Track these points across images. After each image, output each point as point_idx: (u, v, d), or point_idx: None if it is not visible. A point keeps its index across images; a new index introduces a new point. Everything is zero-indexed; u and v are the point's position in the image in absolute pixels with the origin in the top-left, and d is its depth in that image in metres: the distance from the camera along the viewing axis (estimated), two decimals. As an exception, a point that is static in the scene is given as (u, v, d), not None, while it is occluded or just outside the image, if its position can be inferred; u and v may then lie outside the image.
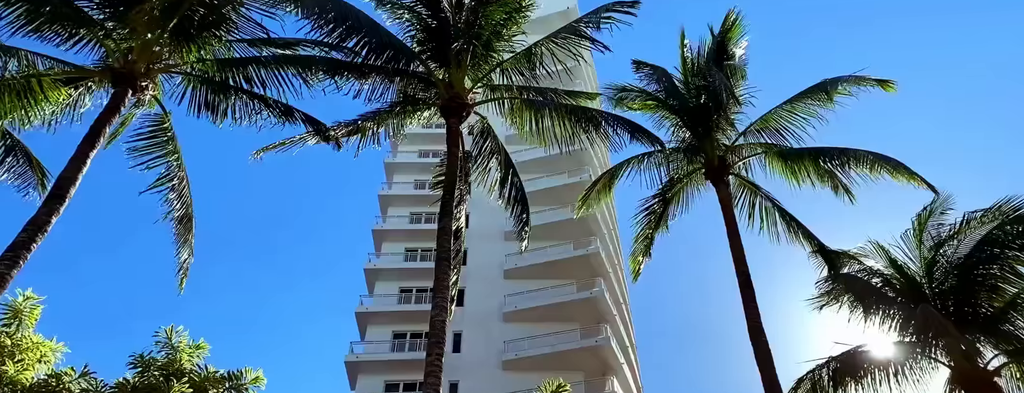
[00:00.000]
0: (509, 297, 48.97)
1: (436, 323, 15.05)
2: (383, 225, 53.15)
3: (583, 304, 47.88)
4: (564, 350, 45.56)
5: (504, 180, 21.16)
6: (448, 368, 44.56)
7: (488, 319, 48.19)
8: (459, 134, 18.72)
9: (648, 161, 22.66)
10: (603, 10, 19.53)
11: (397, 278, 50.24)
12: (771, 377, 17.37)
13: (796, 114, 21.48)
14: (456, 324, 47.86)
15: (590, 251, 49.84)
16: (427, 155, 54.92)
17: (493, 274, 50.74)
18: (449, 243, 16.38)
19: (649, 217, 22.92)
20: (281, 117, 17.87)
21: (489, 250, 51.70)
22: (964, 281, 19.05)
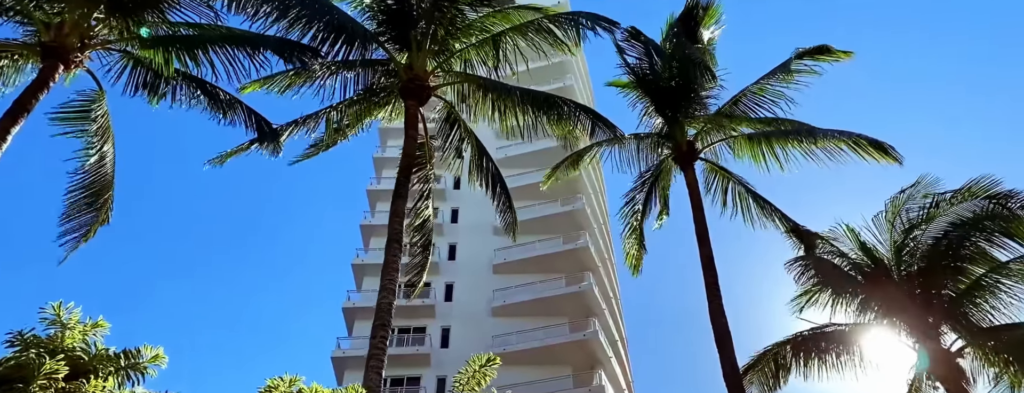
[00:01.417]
0: (498, 292, 48.77)
1: (382, 305, 14.80)
2: (371, 220, 52.85)
3: (572, 298, 47.66)
4: (552, 344, 45.39)
5: (480, 166, 20.87)
6: (436, 363, 44.88)
7: (476, 314, 47.99)
8: (418, 117, 18.44)
9: (619, 145, 22.61)
10: (584, 17, 19.34)
11: (385, 273, 49.88)
12: (730, 357, 17.32)
13: (764, 96, 21.32)
14: (444, 319, 47.87)
15: (579, 245, 49.62)
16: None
17: (482, 269, 50.55)
18: (400, 225, 16.16)
19: (634, 208, 22.84)
20: (221, 108, 17.48)
21: (477, 245, 51.55)
22: (931, 264, 18.95)
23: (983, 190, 18.43)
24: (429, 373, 45.25)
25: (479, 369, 11.48)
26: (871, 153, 19.92)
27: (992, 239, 18.36)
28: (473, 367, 11.45)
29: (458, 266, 51.20)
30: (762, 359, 19.57)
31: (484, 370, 11.53)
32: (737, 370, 17.15)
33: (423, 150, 20.22)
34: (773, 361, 19.45)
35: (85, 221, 17.15)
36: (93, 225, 17.23)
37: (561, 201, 51.73)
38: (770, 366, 19.50)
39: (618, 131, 19.93)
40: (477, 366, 11.44)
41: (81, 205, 17.03)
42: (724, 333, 17.67)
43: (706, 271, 18.95)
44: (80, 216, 17.10)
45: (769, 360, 19.48)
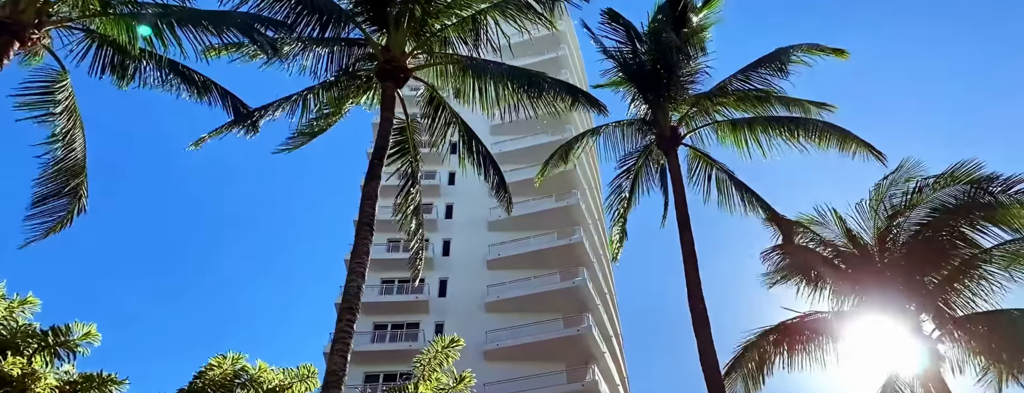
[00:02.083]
0: (492, 287, 48.59)
1: (350, 289, 14.46)
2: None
3: (566, 293, 47.49)
4: (545, 339, 45.26)
5: (469, 148, 20.56)
6: (429, 359, 44.52)
7: (470, 309, 47.84)
8: (394, 99, 18.11)
9: (607, 133, 22.50)
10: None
11: (378, 269, 49.68)
12: (706, 340, 17.12)
13: (750, 84, 21.07)
14: (438, 314, 47.71)
15: (574, 240, 49.49)
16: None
17: (476, 264, 50.43)
18: (372, 208, 15.83)
19: (620, 196, 22.74)
20: (196, 89, 17.16)
21: (472, 240, 51.47)
22: (913, 250, 18.84)
23: (966, 175, 18.25)
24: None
25: (442, 350, 11.21)
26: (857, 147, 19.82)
27: (974, 225, 18.21)
28: (436, 348, 11.18)
29: (452, 262, 51.08)
30: (745, 353, 19.42)
31: (447, 351, 11.27)
32: (714, 354, 16.91)
33: (405, 134, 19.91)
34: (757, 354, 19.28)
35: (58, 207, 16.82)
36: (68, 212, 16.92)
37: (556, 197, 51.58)
38: (754, 359, 19.33)
39: (602, 106, 19.59)
40: (440, 347, 11.17)
41: (52, 190, 16.66)
42: (702, 318, 17.47)
43: (686, 255, 18.72)
44: (51, 202, 16.72)
45: (753, 354, 19.31)
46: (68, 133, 16.39)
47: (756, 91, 20.94)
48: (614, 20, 21.39)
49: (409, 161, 20.08)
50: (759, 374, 19.45)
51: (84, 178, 16.97)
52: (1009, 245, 17.91)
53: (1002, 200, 17.60)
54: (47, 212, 16.68)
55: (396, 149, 20.00)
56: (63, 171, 16.60)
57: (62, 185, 16.62)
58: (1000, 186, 17.70)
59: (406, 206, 20.05)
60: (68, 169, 16.64)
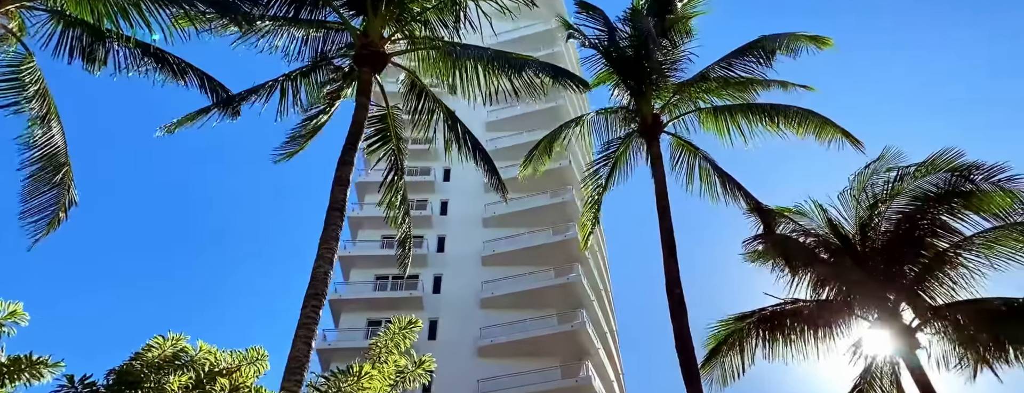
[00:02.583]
0: (486, 283, 48.50)
1: (317, 275, 14.16)
2: (359, 212, 52.54)
3: (560, 289, 47.44)
4: (539, 335, 45.23)
5: (455, 134, 20.35)
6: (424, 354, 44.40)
7: (465, 306, 47.80)
8: (371, 84, 17.89)
9: (591, 122, 22.57)
10: None
11: (372, 265, 49.70)
12: (682, 326, 17.05)
13: (732, 71, 20.96)
14: (432, 311, 47.59)
15: (568, 236, 49.31)
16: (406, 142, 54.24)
17: (470, 261, 50.39)
18: (343, 194, 15.55)
19: (597, 182, 22.62)
20: (172, 73, 16.83)
21: (466, 236, 51.43)
22: (894, 239, 18.75)
23: (946, 163, 18.09)
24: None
25: (399, 331, 10.98)
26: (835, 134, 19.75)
27: (954, 212, 18.09)
28: (393, 329, 10.95)
29: (447, 258, 51.02)
30: (726, 339, 19.27)
31: (404, 332, 11.04)
32: (690, 340, 16.87)
33: (387, 122, 19.75)
34: (738, 340, 19.13)
35: (47, 201, 16.65)
36: (58, 205, 16.72)
37: (550, 193, 51.51)
38: (735, 344, 19.20)
39: (585, 84, 19.43)
40: (397, 328, 10.93)
41: (39, 184, 16.46)
42: (679, 305, 17.43)
43: (665, 243, 18.67)
44: (40, 196, 16.53)
45: (734, 339, 19.18)
46: (44, 119, 16.18)
47: (738, 78, 20.80)
48: (587, 10, 21.32)
49: (392, 150, 19.85)
50: (738, 359, 19.33)
51: (69, 168, 16.74)
52: (988, 233, 17.79)
53: (983, 187, 17.45)
54: (39, 208, 16.45)
55: (378, 138, 19.86)
56: (46, 162, 16.38)
57: (49, 177, 16.42)
58: (982, 174, 17.55)
59: (391, 196, 19.77)
60: (50, 159, 16.40)
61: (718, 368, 19.49)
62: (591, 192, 22.54)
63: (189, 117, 18.45)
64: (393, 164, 19.68)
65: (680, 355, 16.61)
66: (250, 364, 9.63)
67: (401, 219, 19.82)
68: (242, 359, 9.59)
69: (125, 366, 8.71)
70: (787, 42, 20.67)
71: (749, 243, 19.58)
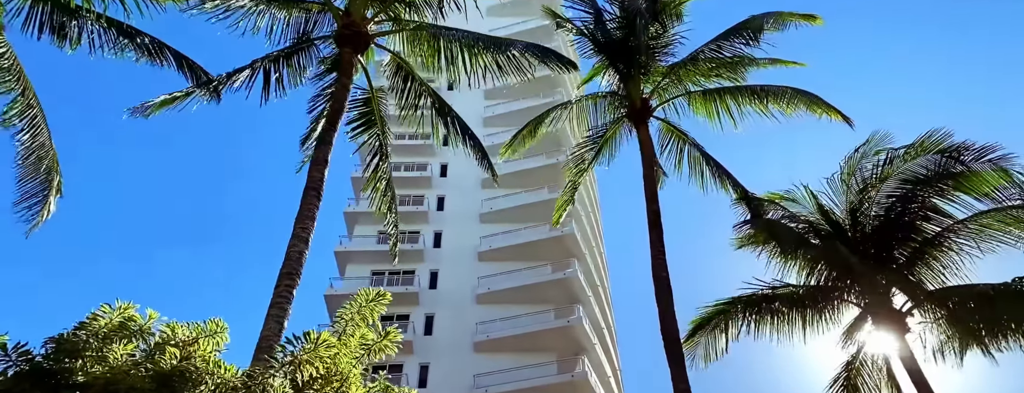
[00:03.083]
0: (483, 279, 48.22)
1: (292, 254, 13.89)
2: (355, 207, 52.29)
3: (557, 285, 47.10)
4: (536, 331, 44.90)
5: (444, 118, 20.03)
6: (420, 349, 44.30)
7: (461, 301, 47.48)
8: (353, 64, 17.55)
9: (581, 107, 22.41)
10: None
11: (369, 260, 49.45)
12: (667, 310, 16.98)
13: (722, 53, 20.71)
14: (428, 306, 47.35)
15: (565, 232, 48.97)
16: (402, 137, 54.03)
17: (467, 256, 50.06)
18: (320, 173, 15.25)
19: (579, 167, 22.51)
20: (147, 52, 16.45)
21: (463, 232, 51.11)
22: (884, 224, 18.58)
23: (935, 144, 17.94)
24: (412, 360, 44.68)
25: (367, 303, 10.63)
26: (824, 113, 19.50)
27: (945, 195, 17.89)
28: (360, 301, 10.60)
29: (443, 253, 50.70)
30: (712, 318, 19.08)
31: (372, 305, 10.68)
32: (675, 323, 16.76)
33: (371, 105, 19.46)
34: (724, 320, 18.93)
35: (35, 189, 16.38)
36: (48, 191, 16.51)
37: (548, 188, 51.20)
38: (719, 325, 19.01)
39: (573, 65, 19.14)
40: (364, 300, 10.58)
41: (29, 170, 16.19)
42: (665, 288, 17.33)
43: (652, 228, 18.55)
44: (28, 183, 16.21)
45: (720, 320, 18.98)
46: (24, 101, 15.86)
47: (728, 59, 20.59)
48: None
49: (377, 134, 19.53)
50: (722, 338, 19.19)
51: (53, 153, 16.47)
52: (980, 217, 17.64)
53: (974, 168, 17.23)
54: (31, 193, 16.17)
55: (361, 121, 19.49)
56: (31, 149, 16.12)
57: (35, 165, 16.17)
58: (972, 155, 17.31)
59: (376, 181, 19.49)
60: (36, 149, 16.13)
61: (701, 346, 19.35)
62: (573, 174, 22.20)
63: (167, 101, 18.07)
64: (378, 149, 19.33)
65: (664, 337, 16.54)
66: (209, 337, 9.29)
67: (388, 206, 19.49)
68: (200, 332, 9.25)
69: (66, 335, 8.39)
70: (775, 20, 20.45)
71: (739, 228, 19.32)
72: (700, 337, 19.07)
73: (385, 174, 19.43)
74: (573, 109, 22.19)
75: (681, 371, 15.98)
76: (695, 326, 19.19)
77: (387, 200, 19.49)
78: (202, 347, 9.33)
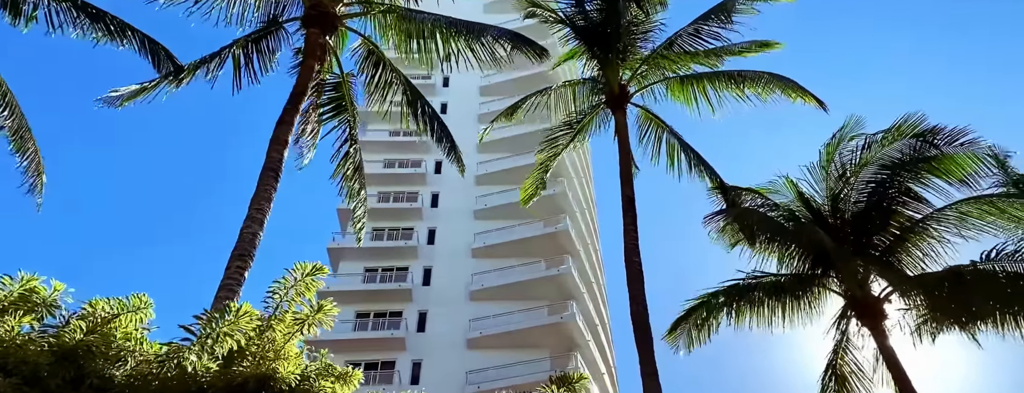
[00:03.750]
0: (476, 275, 47.90)
1: (245, 235, 13.47)
2: (348, 204, 51.83)
3: (551, 282, 46.82)
4: (529, 327, 44.59)
5: (414, 109, 19.74)
6: (412, 347, 43.95)
7: (454, 298, 47.16)
8: (318, 46, 17.23)
9: (559, 94, 22.37)
10: None
11: (361, 257, 49.13)
12: (638, 294, 16.79)
13: (700, 37, 20.38)
14: (421, 303, 47.09)
15: (560, 229, 48.75)
16: (398, 134, 53.81)
17: (461, 253, 49.74)
18: (279, 154, 14.88)
19: (554, 151, 22.64)
20: (109, 33, 16.15)
21: (457, 229, 50.80)
22: (863, 210, 18.42)
23: (911, 128, 17.83)
24: (404, 357, 44.42)
25: (303, 277, 10.14)
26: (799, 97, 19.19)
27: (920, 180, 17.64)
28: (296, 274, 10.11)
29: (437, 250, 50.39)
30: (695, 309, 18.73)
31: (309, 279, 10.18)
32: (645, 309, 16.52)
33: (341, 90, 19.10)
34: (705, 311, 18.56)
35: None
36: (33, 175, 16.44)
37: (541, 185, 50.75)
38: (701, 316, 18.63)
39: (544, 52, 18.84)
40: (301, 273, 10.10)
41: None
42: (636, 272, 17.12)
43: (626, 212, 18.35)
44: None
45: (701, 310, 18.61)
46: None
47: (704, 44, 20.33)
48: None
49: (347, 120, 19.15)
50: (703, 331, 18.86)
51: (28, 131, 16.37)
52: (960, 205, 17.45)
53: (946, 151, 17.03)
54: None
55: (331, 106, 19.12)
56: None
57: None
58: (945, 139, 17.06)
59: (344, 167, 19.12)
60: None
61: (684, 336, 19.03)
62: (545, 158, 21.94)
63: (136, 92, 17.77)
64: (347, 135, 18.98)
65: (634, 321, 16.36)
66: (131, 313, 8.89)
67: (357, 192, 19.17)
68: (122, 306, 8.83)
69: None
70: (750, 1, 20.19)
71: (710, 219, 19.03)
72: (682, 329, 18.80)
73: (354, 160, 19.08)
74: (552, 96, 21.81)
75: (649, 355, 15.76)
76: (678, 319, 18.95)
77: (356, 186, 19.14)
78: (123, 323, 8.90)
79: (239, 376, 8.98)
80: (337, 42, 19.14)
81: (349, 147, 19.08)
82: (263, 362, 9.62)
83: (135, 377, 8.24)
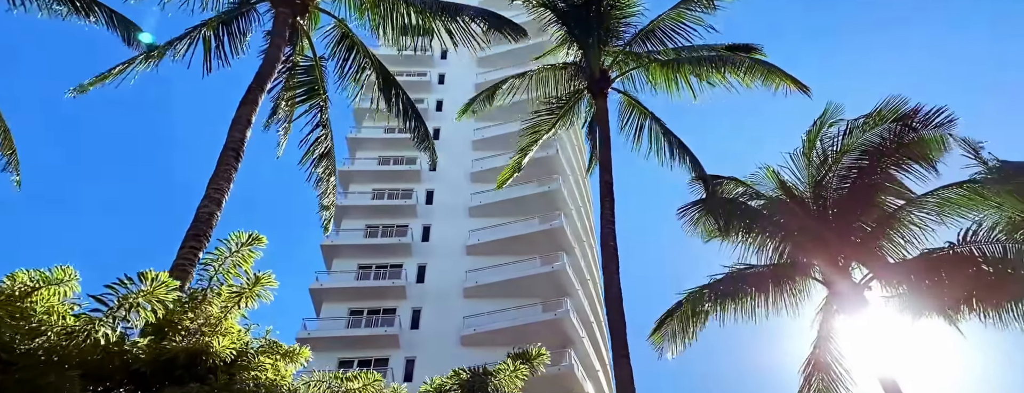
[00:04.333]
0: (470, 272, 47.50)
1: (201, 215, 13.00)
2: (344, 201, 51.54)
3: (545, 278, 46.42)
4: (523, 324, 44.11)
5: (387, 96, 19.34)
6: (406, 344, 43.54)
7: (449, 295, 46.80)
8: (287, 25, 16.84)
9: (540, 79, 21.80)
10: None
11: (355, 254, 48.81)
12: (613, 276, 16.78)
13: (682, 22, 19.98)
14: (415, 300, 46.73)
15: (554, 225, 48.38)
16: (392, 131, 53.41)
17: (455, 250, 49.35)
18: (241, 134, 14.43)
19: (533, 135, 22.23)
20: (74, 8, 15.85)
21: (452, 226, 50.41)
22: (845, 196, 18.16)
23: (892, 112, 17.49)
24: (398, 354, 44.04)
25: (239, 248, 9.59)
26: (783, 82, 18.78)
27: (901, 165, 17.39)
28: (232, 245, 9.57)
29: (431, 247, 50.02)
30: (679, 307, 18.49)
31: (246, 250, 9.64)
32: (619, 293, 16.43)
33: (313, 74, 18.73)
34: (690, 308, 18.23)
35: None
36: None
37: (537, 182, 50.50)
38: (687, 313, 18.34)
39: (522, 32, 18.53)
40: (234, 244, 9.55)
41: None
42: (611, 256, 17.00)
43: (604, 198, 18.07)
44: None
45: (687, 307, 18.30)
46: None
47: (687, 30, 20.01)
48: None
49: (318, 104, 18.77)
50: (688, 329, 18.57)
51: None
52: (942, 191, 17.16)
53: (924, 134, 16.72)
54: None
55: (303, 90, 18.77)
56: None
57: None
58: (922, 121, 16.76)
59: (312, 152, 18.70)
60: None
61: (669, 334, 18.78)
62: (525, 143, 21.84)
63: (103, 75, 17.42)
64: (318, 120, 18.60)
65: (607, 305, 16.45)
66: (54, 285, 8.41)
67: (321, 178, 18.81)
68: (44, 279, 8.35)
69: None
70: None
71: (685, 210, 18.69)
72: (667, 327, 18.62)
73: (322, 144, 18.69)
74: (532, 80, 21.41)
75: (622, 338, 15.84)
76: (662, 317, 18.80)
77: (327, 173, 18.77)
78: (45, 296, 8.41)
79: (169, 351, 8.54)
80: (310, 25, 18.76)
81: (320, 132, 18.71)
82: (199, 337, 9.20)
83: (54, 352, 7.81)
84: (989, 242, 15.98)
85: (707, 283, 18.51)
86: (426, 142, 20.19)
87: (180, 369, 8.51)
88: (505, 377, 10.86)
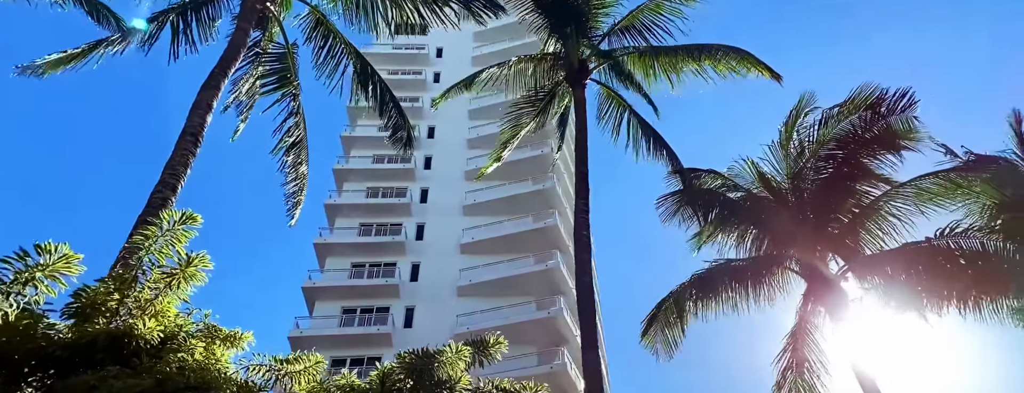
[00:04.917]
0: (464, 271, 47.25)
1: (154, 201, 12.65)
2: (337, 199, 51.42)
3: (539, 277, 46.25)
4: (516, 322, 43.72)
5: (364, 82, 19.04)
6: (399, 343, 43.24)
7: (442, 294, 46.61)
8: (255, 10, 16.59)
9: (519, 69, 21.36)
10: None
11: (349, 253, 48.57)
12: (584, 265, 16.68)
13: (660, 13, 19.66)
14: (409, 299, 46.55)
15: (548, 224, 48.14)
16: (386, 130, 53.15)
17: (449, 249, 49.14)
18: (201, 119, 14.14)
19: (515, 128, 22.08)
20: None
21: (446, 224, 50.20)
22: (822, 188, 17.96)
23: (865, 101, 17.21)
24: (390, 354, 43.27)
25: (173, 227, 9.22)
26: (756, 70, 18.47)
27: (875, 154, 17.13)
28: (164, 224, 9.20)
29: (425, 246, 49.81)
30: (663, 306, 18.25)
31: (179, 230, 9.24)
32: (590, 278, 16.42)
33: (286, 62, 18.45)
34: (675, 305, 17.95)
35: None
36: None
37: (532, 180, 50.34)
38: (672, 311, 18.07)
39: (502, 11, 18.29)
40: (169, 224, 9.18)
41: None
42: (584, 246, 16.90)
43: (578, 186, 17.99)
44: None
45: (670, 306, 18.02)
46: None
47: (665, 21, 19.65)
48: None
49: (291, 93, 18.48)
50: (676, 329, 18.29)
51: None
52: (918, 180, 16.95)
53: (892, 122, 16.67)
54: None
55: (275, 78, 18.49)
56: None
57: None
58: (889, 108, 16.67)
59: (282, 142, 18.40)
60: None
61: (658, 335, 18.48)
62: (506, 135, 21.73)
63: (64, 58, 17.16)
64: (291, 108, 18.30)
65: (578, 293, 16.41)
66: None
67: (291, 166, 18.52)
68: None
69: None
70: None
71: (662, 201, 18.40)
72: (654, 330, 18.32)
73: (293, 134, 18.43)
74: (511, 69, 21.08)
75: (591, 327, 15.64)
76: (649, 318, 18.44)
77: (299, 161, 18.46)
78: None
79: (89, 334, 8.16)
80: (282, 11, 18.48)
81: (292, 121, 18.42)
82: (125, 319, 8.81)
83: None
84: (967, 237, 15.76)
85: (690, 280, 18.18)
86: (402, 131, 19.79)
87: (101, 352, 8.14)
88: (447, 359, 10.53)
